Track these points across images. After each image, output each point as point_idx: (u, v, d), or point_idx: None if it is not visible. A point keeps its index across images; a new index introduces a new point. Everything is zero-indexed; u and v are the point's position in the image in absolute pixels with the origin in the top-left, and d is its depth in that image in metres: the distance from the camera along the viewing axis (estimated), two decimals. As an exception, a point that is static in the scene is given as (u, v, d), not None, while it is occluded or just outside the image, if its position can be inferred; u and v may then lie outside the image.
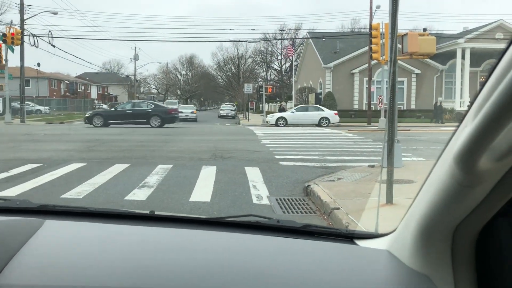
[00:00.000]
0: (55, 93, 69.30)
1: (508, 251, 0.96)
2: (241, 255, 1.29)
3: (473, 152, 0.78)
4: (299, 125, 32.09)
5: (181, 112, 41.98)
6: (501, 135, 0.73)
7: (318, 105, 36.56)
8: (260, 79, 79.09)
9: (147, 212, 1.63)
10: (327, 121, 32.43)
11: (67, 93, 72.92)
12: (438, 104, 35.18)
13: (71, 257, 1.23)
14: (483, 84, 0.78)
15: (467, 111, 0.82)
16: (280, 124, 32.56)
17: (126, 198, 7.81)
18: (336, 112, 33.99)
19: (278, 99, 59.32)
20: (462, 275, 1.02)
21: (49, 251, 1.26)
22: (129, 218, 1.60)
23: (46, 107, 55.65)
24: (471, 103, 0.81)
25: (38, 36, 34.27)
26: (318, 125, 32.26)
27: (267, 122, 33.96)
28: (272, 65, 79.75)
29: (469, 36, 37.98)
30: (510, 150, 0.75)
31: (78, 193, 8.12)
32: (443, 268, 1.03)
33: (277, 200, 7.73)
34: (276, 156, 13.59)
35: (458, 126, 0.85)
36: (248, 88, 42.18)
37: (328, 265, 1.24)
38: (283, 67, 76.03)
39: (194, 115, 43.98)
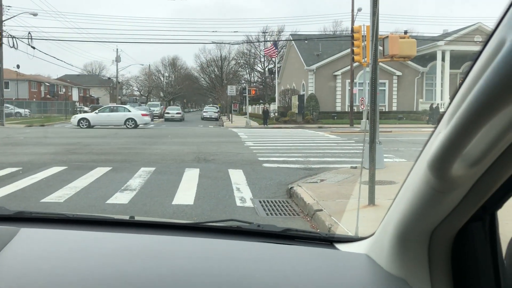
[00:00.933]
0: (35, 96, 68.23)
1: (482, 254, 0.97)
2: (221, 262, 1.29)
3: (446, 159, 0.79)
4: (104, 126, 30.79)
5: (168, 113, 48.60)
6: (473, 141, 0.74)
7: (125, 106, 35.25)
8: (243, 81, 78.99)
9: (127, 217, 1.62)
10: (133, 122, 31.29)
11: (48, 96, 71.87)
12: (435, 106, 35.73)
13: (47, 267, 1.21)
14: (456, 90, 0.79)
15: (441, 117, 0.83)
16: (82, 125, 30.78)
17: (108, 201, 7.73)
18: (144, 113, 32.99)
19: (261, 101, 59.37)
20: (439, 278, 1.03)
21: (23, 261, 1.23)
22: (109, 224, 1.58)
23: (26, 110, 54.77)
24: (446, 109, 0.82)
25: (17, 38, 33.70)
26: (125, 126, 31.06)
27: (70, 123, 31.96)
28: (255, 67, 79.83)
29: (448, 38, 38.58)
30: (482, 157, 0.76)
31: (58, 197, 8.01)
32: (420, 272, 1.04)
33: (260, 202, 7.73)
34: (260, 158, 13.59)
35: (432, 132, 0.86)
36: (231, 90, 42.13)
37: (307, 270, 1.25)
38: (266, 69, 76.13)
39: (180, 115, 47.94)
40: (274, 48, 46.76)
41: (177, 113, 48.32)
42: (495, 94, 0.65)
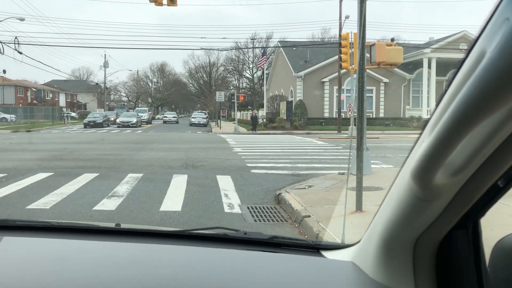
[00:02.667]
0: (21, 101, 67.49)
1: (466, 262, 0.98)
2: (208, 270, 1.28)
3: (429, 168, 0.80)
4: None
5: (166, 117, 63.07)
6: (455, 151, 0.75)
7: None
8: (231, 87, 78.95)
9: (113, 225, 1.60)
10: None
11: (35, 101, 71.14)
12: None
13: (29, 276, 1.19)
14: (439, 100, 0.80)
15: (424, 126, 0.84)
16: None
17: (95, 208, 7.66)
18: None
19: (249, 107, 59.41)
20: (423, 286, 1.04)
21: (5, 270, 1.21)
22: (94, 232, 1.57)
23: (12, 115, 54.22)
24: (429, 118, 0.82)
25: (3, 43, 33.35)
26: None
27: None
28: (244, 73, 79.90)
29: (434, 46, 39.04)
30: (465, 166, 0.77)
31: (45, 204, 7.91)
32: (404, 279, 1.05)
33: (248, 208, 7.72)
34: (248, 164, 13.59)
35: (416, 141, 0.87)
36: (220, 96, 42.09)
37: (293, 278, 1.25)
38: (255, 75, 76.27)
39: (175, 118, 61.39)
40: (263, 56, 46.82)
41: (173, 117, 62.10)
42: (476, 105, 0.66)
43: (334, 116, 37.90)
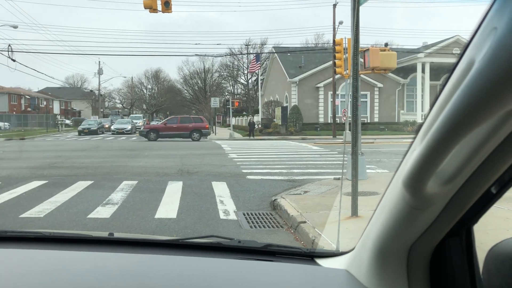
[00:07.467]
0: (15, 109, 67.26)
1: (459, 269, 0.98)
2: (201, 281, 1.27)
3: (420, 177, 0.80)
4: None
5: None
6: (447, 160, 0.75)
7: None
8: (226, 93, 79.13)
9: (106, 234, 1.59)
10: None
11: (28, 109, 70.92)
12: None
13: None
14: (430, 107, 0.79)
15: (417, 133, 0.84)
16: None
17: (89, 216, 7.61)
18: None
19: (245, 113, 59.48)
20: None
21: None
22: (87, 242, 1.55)
23: (6, 123, 54.04)
24: (420, 126, 0.82)
25: (-3, 50, 33.24)
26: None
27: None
28: (239, 79, 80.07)
29: (428, 51, 39.33)
30: (456, 174, 0.77)
31: (39, 212, 7.86)
32: (399, 287, 1.04)
33: (244, 215, 7.70)
34: (244, 170, 13.57)
35: (408, 149, 0.87)
36: (215, 102, 42.09)
37: (288, 287, 1.24)
38: (250, 81, 76.43)
39: None
40: (256, 61, 46.77)
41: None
42: (465, 115, 0.66)
43: (329, 121, 37.99)
